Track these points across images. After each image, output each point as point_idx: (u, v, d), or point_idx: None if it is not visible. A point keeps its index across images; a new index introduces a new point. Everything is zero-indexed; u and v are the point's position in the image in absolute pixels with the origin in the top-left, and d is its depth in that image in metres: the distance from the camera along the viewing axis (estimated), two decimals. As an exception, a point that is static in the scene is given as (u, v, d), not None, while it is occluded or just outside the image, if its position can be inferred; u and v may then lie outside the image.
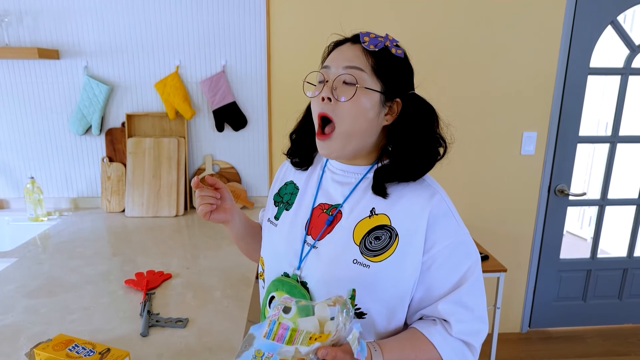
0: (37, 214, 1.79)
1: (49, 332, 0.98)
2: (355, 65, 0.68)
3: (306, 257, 0.73)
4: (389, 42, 0.71)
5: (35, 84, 1.84)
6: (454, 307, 0.68)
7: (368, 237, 0.69)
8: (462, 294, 0.68)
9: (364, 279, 0.67)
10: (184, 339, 0.97)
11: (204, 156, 1.96)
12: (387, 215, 0.69)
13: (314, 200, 0.77)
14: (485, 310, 0.72)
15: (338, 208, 0.73)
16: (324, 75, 0.71)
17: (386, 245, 0.68)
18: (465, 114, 2.01)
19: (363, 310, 0.69)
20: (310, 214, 0.76)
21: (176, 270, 1.32)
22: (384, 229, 0.69)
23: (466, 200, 2.12)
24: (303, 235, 0.75)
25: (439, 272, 0.68)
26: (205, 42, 1.84)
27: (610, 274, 2.34)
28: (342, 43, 0.73)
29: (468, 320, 0.68)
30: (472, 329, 0.69)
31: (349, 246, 0.69)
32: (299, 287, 0.72)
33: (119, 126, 1.91)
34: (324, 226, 0.73)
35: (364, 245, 0.69)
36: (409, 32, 1.90)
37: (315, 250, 0.73)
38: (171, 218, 1.84)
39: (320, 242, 0.73)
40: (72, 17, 1.78)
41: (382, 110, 0.70)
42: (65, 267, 1.34)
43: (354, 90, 0.67)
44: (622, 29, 1.98)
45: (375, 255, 0.68)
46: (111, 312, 1.08)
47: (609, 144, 2.16)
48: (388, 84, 0.70)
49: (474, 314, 0.69)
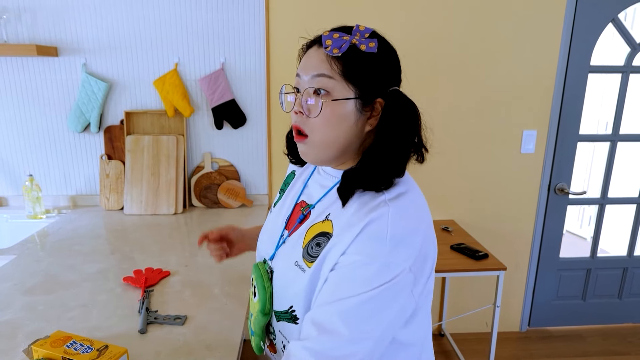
0: (35, 212, 1.79)
1: (46, 329, 0.97)
2: (322, 72, 0.62)
3: (278, 249, 0.76)
4: (358, 38, 0.62)
5: (33, 81, 1.83)
6: (309, 324, 0.59)
7: (312, 242, 0.67)
8: (329, 312, 0.58)
9: (298, 283, 0.66)
10: (182, 336, 0.97)
11: (202, 154, 1.96)
12: (333, 222, 0.65)
13: (298, 197, 0.79)
14: (364, 340, 0.57)
15: (310, 209, 0.74)
16: (297, 83, 0.66)
17: (321, 252, 0.64)
18: (466, 112, 2.00)
19: (297, 315, 0.68)
20: (292, 209, 0.78)
21: (174, 268, 1.32)
22: (325, 236, 0.65)
23: (466, 198, 2.12)
24: (282, 227, 0.77)
25: (332, 281, 0.60)
26: (204, 39, 1.83)
27: (610, 273, 2.34)
28: (311, 46, 0.66)
29: (326, 339, 0.57)
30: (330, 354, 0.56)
31: (297, 247, 0.70)
32: (264, 277, 0.74)
33: (117, 124, 1.90)
34: (295, 223, 0.75)
35: (307, 250, 0.67)
36: (410, 30, 1.89)
37: (284, 245, 0.75)
38: (170, 216, 1.84)
39: (289, 237, 0.74)
40: (70, 14, 1.77)
41: (361, 116, 0.64)
42: (64, 264, 1.34)
43: (321, 104, 0.61)
44: (623, 27, 1.98)
45: (311, 260, 0.65)
46: (109, 310, 1.07)
47: (609, 142, 2.16)
48: (363, 86, 0.62)
49: (334, 336, 0.56)
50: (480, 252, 1.74)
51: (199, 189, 1.95)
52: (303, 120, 0.65)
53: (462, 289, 2.25)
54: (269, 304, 0.73)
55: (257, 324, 0.76)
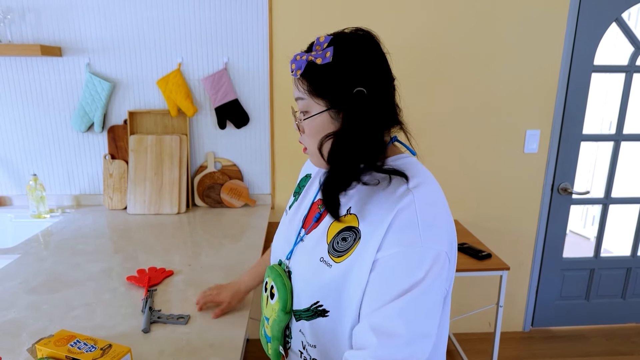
0: (39, 211, 1.80)
1: (50, 328, 0.98)
2: (298, 96, 0.69)
3: (295, 248, 0.76)
4: (316, 52, 0.64)
5: (37, 81, 1.84)
6: (369, 331, 0.59)
7: (337, 237, 0.68)
8: (385, 316, 0.58)
9: (325, 278, 0.67)
10: (185, 335, 0.97)
11: (206, 153, 1.96)
12: (357, 216, 0.67)
13: (315, 195, 0.80)
14: (423, 336, 0.59)
15: None
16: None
17: (350, 247, 0.65)
18: (469, 112, 2.00)
19: (326, 308, 0.69)
20: (309, 208, 0.79)
21: (178, 268, 1.32)
22: (352, 231, 0.66)
23: (469, 197, 2.11)
24: (299, 227, 0.78)
25: (377, 281, 0.61)
26: (207, 39, 1.83)
27: (613, 273, 2.33)
28: None
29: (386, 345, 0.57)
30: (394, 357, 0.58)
31: (320, 244, 0.70)
32: (283, 276, 0.75)
33: (121, 123, 1.91)
34: (312, 221, 0.75)
35: (332, 245, 0.68)
36: (413, 30, 1.89)
37: (302, 243, 0.75)
38: (173, 215, 1.84)
39: (307, 236, 0.75)
40: (74, 14, 1.78)
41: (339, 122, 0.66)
42: (67, 263, 1.34)
43: (302, 123, 0.69)
44: (626, 26, 1.97)
45: (339, 255, 0.66)
46: (113, 309, 1.08)
47: (613, 142, 2.15)
48: (330, 97, 0.65)
49: (392, 341, 0.57)
50: (483, 252, 1.74)
51: (202, 188, 1.95)
52: (301, 137, 0.73)
53: (465, 289, 2.24)
54: (290, 301, 0.74)
55: (277, 325, 0.76)
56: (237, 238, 1.60)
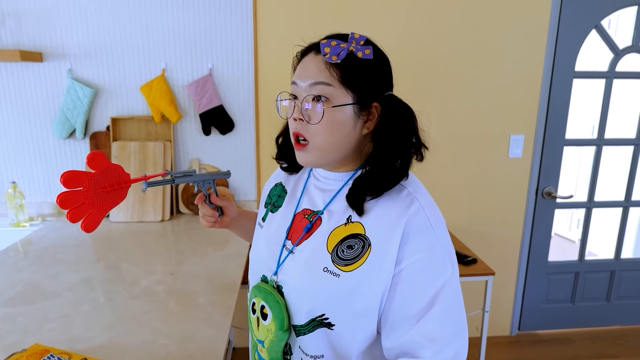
0: (18, 220, 1.75)
1: (24, 342, 0.94)
2: (321, 80, 0.64)
3: (283, 262, 0.72)
4: (355, 45, 0.65)
5: (17, 86, 1.80)
6: (423, 341, 0.61)
7: (341, 245, 0.67)
8: (431, 321, 0.61)
9: (333, 288, 0.65)
10: (164, 347, 0.95)
11: (190, 160, 1.94)
12: (362, 224, 0.66)
13: (297, 205, 0.77)
14: (462, 328, 0.64)
15: (318, 214, 0.72)
16: (294, 91, 0.68)
17: (358, 254, 0.65)
18: (454, 117, 2.01)
19: (331, 321, 0.67)
20: (292, 218, 0.75)
21: (160, 276, 1.30)
22: (358, 238, 0.66)
23: (454, 203, 2.12)
24: (283, 239, 0.74)
25: (409, 289, 0.63)
26: (191, 44, 1.82)
27: (597, 276, 2.36)
28: (306, 53, 0.68)
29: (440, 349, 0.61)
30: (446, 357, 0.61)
31: (321, 253, 0.68)
32: (274, 293, 0.71)
33: (103, 130, 1.88)
34: (302, 232, 0.72)
35: (336, 254, 0.66)
36: (398, 35, 1.90)
37: (292, 256, 0.72)
38: (157, 223, 1.81)
39: (297, 247, 0.72)
40: (56, 19, 1.75)
41: (358, 120, 0.67)
42: (46, 273, 1.31)
43: (323, 111, 0.64)
44: (606, 33, 2.01)
45: (346, 264, 0.65)
46: (91, 320, 1.05)
47: (595, 146, 2.18)
48: (360, 92, 0.65)
49: (442, 343, 0.61)
50: (468, 257, 1.74)
51: (186, 195, 1.93)
52: (304, 127, 0.66)
53: (453, 294, 2.24)
54: (287, 317, 0.70)
55: (276, 346, 0.71)
56: (221, 246, 1.58)
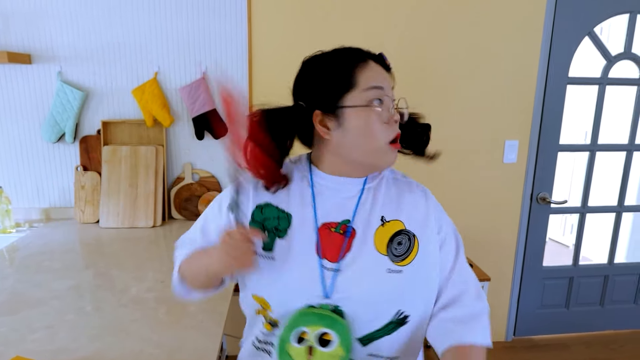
0: (4, 226, 1.71)
1: (5, 354, 0.91)
2: (393, 86, 0.74)
3: (333, 282, 0.68)
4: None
5: (5, 88, 1.77)
6: (463, 286, 0.74)
7: (391, 245, 0.70)
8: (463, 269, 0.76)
9: (400, 285, 0.69)
10: (153, 357, 0.91)
11: (183, 165, 1.91)
12: (400, 219, 0.73)
13: (316, 220, 0.71)
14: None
15: (350, 224, 0.70)
16: (379, 96, 0.69)
17: (409, 247, 0.71)
18: (448, 123, 2.01)
19: (406, 314, 0.70)
20: (317, 236, 0.70)
21: (150, 284, 1.26)
22: (402, 234, 0.71)
23: (449, 208, 2.10)
24: (317, 260, 0.69)
25: (446, 251, 0.76)
26: (184, 47, 1.80)
27: (591, 281, 2.36)
28: (365, 60, 0.72)
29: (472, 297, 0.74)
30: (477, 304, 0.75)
31: (377, 258, 0.69)
32: (333, 316, 0.67)
33: (94, 134, 1.84)
34: (342, 246, 0.69)
35: (392, 253, 0.70)
36: (391, 42, 1.90)
37: (341, 273, 0.68)
38: (148, 229, 1.78)
39: (343, 262, 0.68)
40: (45, 21, 1.72)
41: None
42: (31, 281, 1.27)
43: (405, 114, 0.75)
44: (598, 40, 2.02)
45: (402, 259, 0.70)
46: (78, 330, 1.01)
47: (588, 152, 2.19)
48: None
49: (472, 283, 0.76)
50: (464, 263, 1.73)
51: (179, 200, 1.90)
52: (396, 126, 0.73)
53: (448, 300, 2.23)
54: (350, 340, 0.67)
55: None
56: (214, 252, 1.54)
